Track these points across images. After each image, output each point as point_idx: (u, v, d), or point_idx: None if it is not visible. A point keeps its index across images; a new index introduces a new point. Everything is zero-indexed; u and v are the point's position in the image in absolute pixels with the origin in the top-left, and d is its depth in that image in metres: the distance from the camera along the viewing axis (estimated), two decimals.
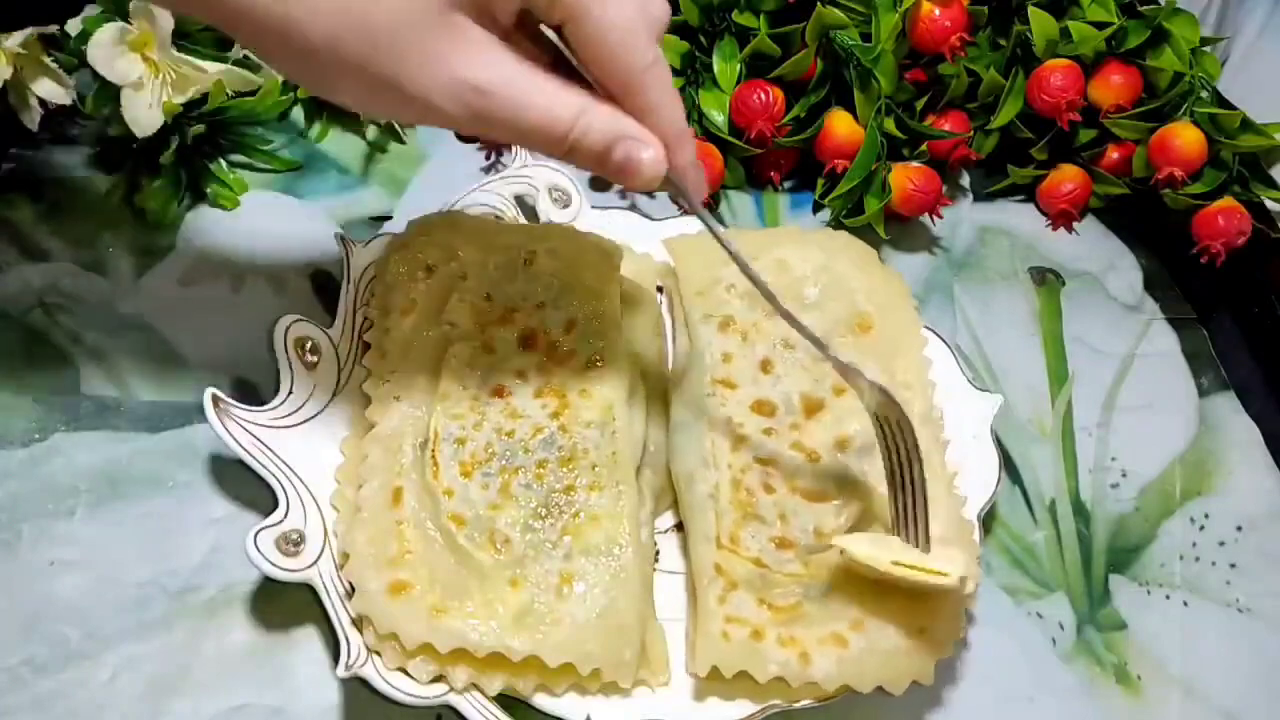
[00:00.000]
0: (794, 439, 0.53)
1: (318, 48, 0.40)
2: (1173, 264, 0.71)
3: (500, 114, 0.41)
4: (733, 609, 0.49)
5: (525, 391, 0.53)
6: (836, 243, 0.61)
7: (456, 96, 0.41)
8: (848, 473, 0.53)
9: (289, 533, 0.48)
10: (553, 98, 0.42)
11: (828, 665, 0.48)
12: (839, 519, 0.51)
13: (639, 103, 0.43)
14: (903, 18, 0.65)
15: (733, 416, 0.54)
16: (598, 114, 0.43)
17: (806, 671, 0.47)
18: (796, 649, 0.48)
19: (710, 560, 0.50)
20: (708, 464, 0.53)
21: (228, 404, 0.50)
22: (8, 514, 0.52)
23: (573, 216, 0.63)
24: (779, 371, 0.55)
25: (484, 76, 0.41)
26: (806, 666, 0.47)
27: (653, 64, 0.43)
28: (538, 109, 0.42)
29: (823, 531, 0.51)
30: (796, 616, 0.49)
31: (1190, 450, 0.63)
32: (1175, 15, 0.67)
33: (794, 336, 0.56)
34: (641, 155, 0.43)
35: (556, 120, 0.42)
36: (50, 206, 0.62)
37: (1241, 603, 0.58)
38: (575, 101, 0.42)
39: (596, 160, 0.43)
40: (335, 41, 0.40)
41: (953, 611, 0.50)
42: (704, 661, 0.48)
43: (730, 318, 0.57)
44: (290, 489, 0.50)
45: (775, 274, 0.59)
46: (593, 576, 0.48)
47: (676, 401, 0.56)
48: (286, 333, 0.53)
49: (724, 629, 0.48)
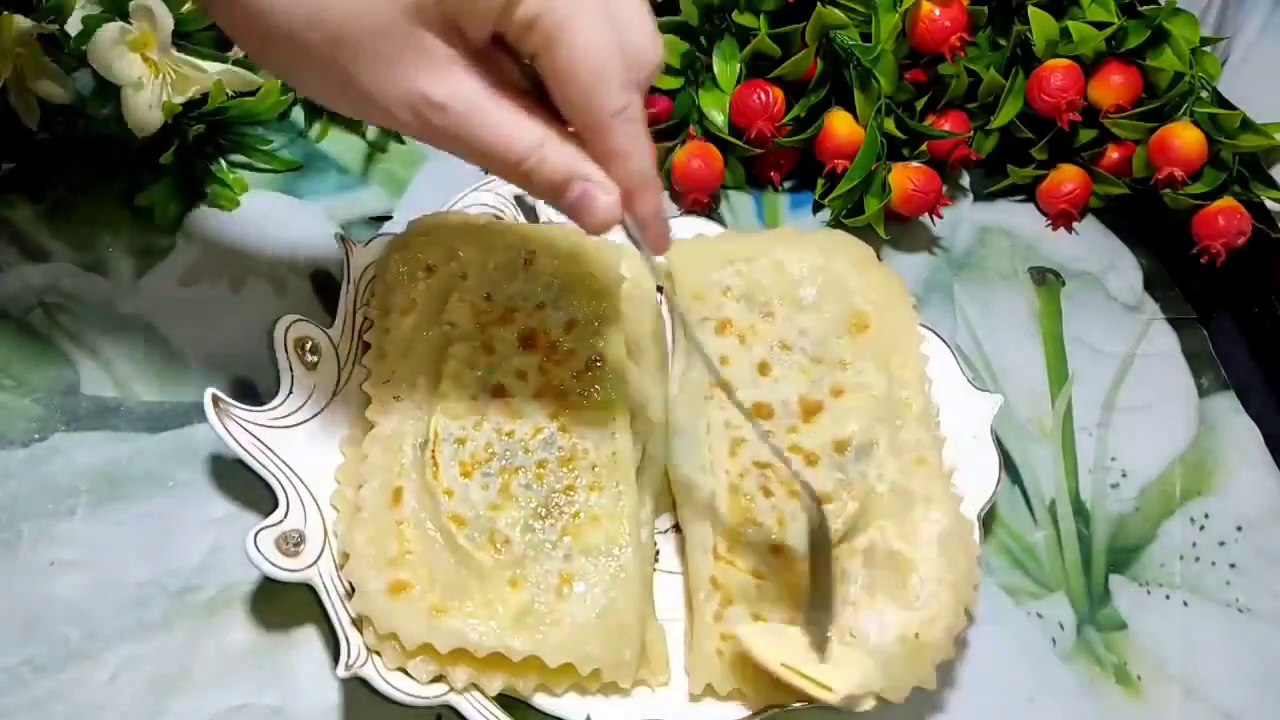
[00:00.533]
0: (792, 441, 0.53)
1: (282, 36, 0.40)
2: (1173, 264, 0.71)
3: (456, 132, 0.41)
4: (728, 625, 0.49)
5: (525, 392, 0.53)
6: (834, 243, 0.61)
7: (413, 109, 0.41)
8: (846, 475, 0.53)
9: (289, 533, 0.48)
10: (511, 124, 0.41)
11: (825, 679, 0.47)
12: (836, 522, 0.51)
13: (603, 147, 0.42)
14: (903, 18, 0.65)
15: (731, 420, 0.53)
16: (557, 149, 0.42)
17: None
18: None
19: (707, 573, 0.50)
20: (705, 470, 0.53)
21: (228, 404, 0.50)
22: (8, 514, 0.52)
23: None
24: (777, 374, 0.55)
25: (442, 93, 0.40)
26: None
27: (622, 109, 0.41)
28: (494, 133, 0.41)
29: None
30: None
31: (1190, 450, 0.63)
32: (1175, 15, 0.67)
33: (791, 338, 0.56)
34: (597, 198, 0.42)
35: (511, 147, 0.41)
36: (50, 206, 0.62)
37: (1241, 603, 0.58)
38: (535, 132, 0.42)
39: (551, 193, 0.43)
40: (300, 35, 0.40)
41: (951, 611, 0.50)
42: (698, 679, 0.48)
43: (728, 320, 0.57)
44: (290, 489, 0.50)
45: (772, 275, 0.59)
46: (593, 577, 0.48)
47: (675, 405, 0.56)
48: (286, 333, 0.53)
49: (719, 646, 0.48)
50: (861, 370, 0.56)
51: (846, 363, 0.56)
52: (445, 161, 0.68)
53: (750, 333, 0.57)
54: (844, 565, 0.50)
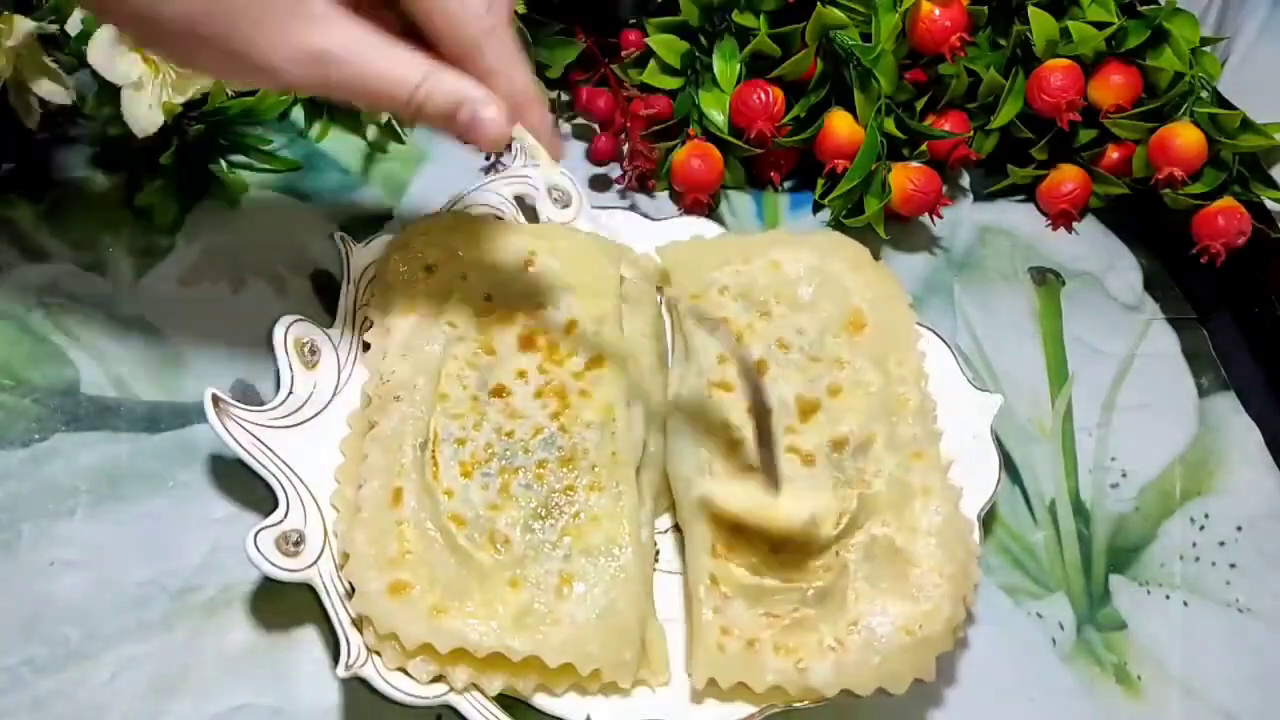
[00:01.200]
0: (790, 443, 0.53)
1: (177, 30, 0.43)
2: (1173, 264, 0.71)
3: (345, 78, 0.44)
4: (728, 620, 0.49)
5: (525, 392, 0.53)
6: (829, 243, 0.61)
7: (302, 64, 0.43)
8: (844, 473, 0.53)
9: (289, 533, 0.48)
10: (395, 63, 0.44)
11: (826, 671, 0.48)
12: (834, 521, 0.51)
13: (480, 68, 0.46)
14: (903, 18, 0.65)
15: (730, 420, 0.53)
16: (441, 79, 0.45)
17: (804, 679, 0.48)
18: (793, 657, 0.48)
19: (706, 570, 0.50)
20: (703, 471, 0.52)
21: (228, 404, 0.50)
22: (8, 514, 0.52)
23: (572, 217, 0.63)
24: (774, 373, 0.55)
25: (332, 42, 0.43)
26: (805, 674, 0.48)
27: (491, 30, 0.46)
28: (381, 73, 0.44)
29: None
30: (793, 623, 0.49)
31: (1190, 450, 0.63)
32: (1175, 15, 0.67)
33: (789, 337, 0.56)
34: (484, 115, 0.45)
35: (400, 84, 0.44)
36: (50, 206, 0.62)
37: (1241, 603, 0.58)
38: (419, 66, 0.45)
39: (443, 121, 0.45)
40: (192, 24, 0.42)
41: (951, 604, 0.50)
42: (701, 673, 0.48)
43: (725, 320, 0.57)
44: (290, 489, 0.50)
45: (769, 275, 0.59)
46: (593, 577, 0.49)
47: (674, 405, 0.56)
48: (287, 333, 0.53)
49: (719, 640, 0.48)
50: (859, 369, 0.56)
51: (844, 361, 0.56)
52: (445, 161, 0.69)
53: (748, 331, 0.57)
54: (846, 559, 0.50)
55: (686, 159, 0.67)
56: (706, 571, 0.50)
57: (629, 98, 0.68)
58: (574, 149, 0.71)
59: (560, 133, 0.49)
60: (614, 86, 0.69)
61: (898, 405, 0.55)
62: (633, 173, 0.67)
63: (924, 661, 0.49)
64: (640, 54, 0.70)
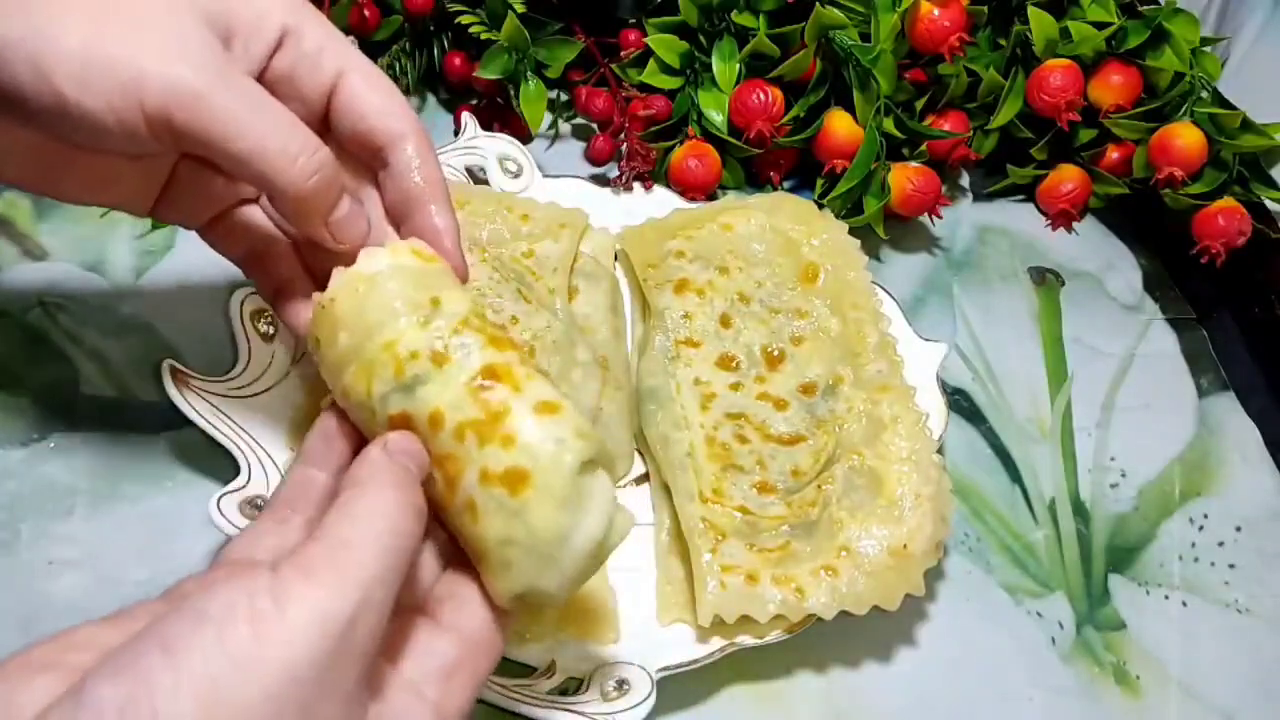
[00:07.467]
0: (760, 390, 0.56)
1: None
2: (1173, 264, 0.71)
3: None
4: (725, 558, 0.50)
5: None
6: (772, 202, 0.63)
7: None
8: (815, 414, 0.55)
9: (253, 498, 0.48)
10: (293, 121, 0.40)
11: (823, 595, 0.50)
12: (814, 459, 0.53)
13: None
14: (902, 18, 0.65)
15: (700, 375, 0.56)
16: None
17: (803, 605, 0.49)
18: (791, 585, 0.50)
19: (697, 515, 0.52)
20: (680, 425, 0.54)
21: (186, 374, 0.50)
22: (7, 514, 0.52)
23: (524, 186, 0.63)
24: (738, 325, 0.58)
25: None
26: (803, 600, 0.49)
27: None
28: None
29: (800, 471, 0.53)
30: (786, 555, 0.51)
31: (1189, 450, 0.63)
32: (1175, 15, 0.67)
33: (748, 290, 0.59)
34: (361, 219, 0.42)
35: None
36: (50, 206, 0.62)
37: (1240, 603, 0.58)
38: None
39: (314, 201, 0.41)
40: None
41: (932, 522, 0.51)
42: (706, 612, 0.49)
43: (685, 280, 0.59)
44: (251, 455, 0.50)
45: (721, 236, 0.61)
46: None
47: (643, 370, 0.57)
48: (242, 305, 0.54)
49: (721, 578, 0.50)
50: (818, 316, 0.58)
51: (804, 312, 0.59)
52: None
53: (709, 287, 0.59)
54: (828, 491, 0.52)
55: (684, 159, 0.67)
56: (698, 517, 0.52)
57: (628, 98, 0.68)
58: (573, 149, 0.71)
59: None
60: (613, 86, 0.69)
61: (859, 345, 0.58)
62: (630, 173, 0.67)
63: (913, 578, 0.51)
64: (639, 54, 0.70)
